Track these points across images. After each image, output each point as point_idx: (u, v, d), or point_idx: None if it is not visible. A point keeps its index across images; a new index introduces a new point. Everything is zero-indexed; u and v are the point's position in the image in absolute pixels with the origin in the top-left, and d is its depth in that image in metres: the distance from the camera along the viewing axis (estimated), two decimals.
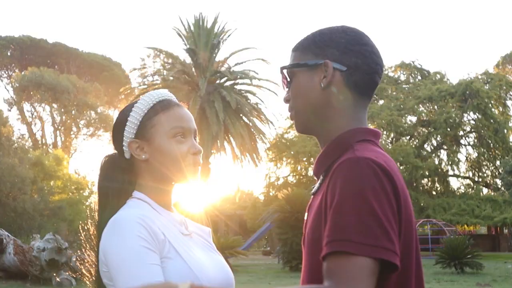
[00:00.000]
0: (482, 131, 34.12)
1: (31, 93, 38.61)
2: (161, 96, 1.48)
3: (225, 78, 30.18)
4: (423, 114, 35.71)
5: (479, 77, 36.53)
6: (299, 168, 35.90)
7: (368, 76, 1.27)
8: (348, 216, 1.05)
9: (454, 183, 60.32)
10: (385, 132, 34.89)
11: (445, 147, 35.48)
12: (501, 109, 35.98)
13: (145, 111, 1.44)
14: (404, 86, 38.81)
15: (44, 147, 38.16)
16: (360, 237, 1.03)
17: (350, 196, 1.07)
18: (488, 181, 36.35)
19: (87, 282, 1.48)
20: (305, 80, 1.29)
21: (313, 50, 1.29)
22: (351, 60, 1.26)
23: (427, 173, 34.02)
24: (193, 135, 1.47)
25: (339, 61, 1.26)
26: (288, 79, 1.34)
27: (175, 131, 1.42)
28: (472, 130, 35.52)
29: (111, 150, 1.55)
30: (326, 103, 1.27)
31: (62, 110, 39.77)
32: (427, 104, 35.61)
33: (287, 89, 1.35)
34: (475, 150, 35.95)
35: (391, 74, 39.49)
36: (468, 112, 34.21)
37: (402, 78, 40.07)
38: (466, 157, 36.53)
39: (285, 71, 1.34)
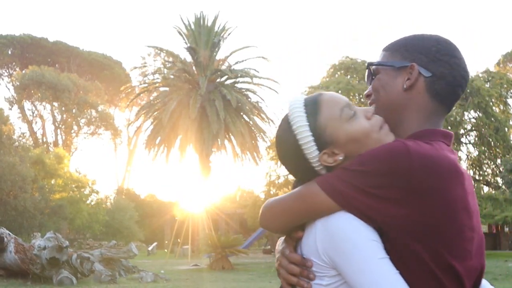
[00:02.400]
0: (483, 129, 34.06)
1: (32, 91, 38.67)
2: (299, 100, 1.30)
3: (226, 77, 30.14)
4: None
5: (480, 75, 36.44)
6: None
7: (451, 87, 1.29)
8: None
9: None
10: None
11: None
12: (502, 108, 35.92)
13: (307, 123, 1.25)
14: None
15: (45, 145, 38.16)
16: None
17: None
18: (489, 180, 36.30)
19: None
20: (388, 79, 1.31)
21: (402, 53, 1.32)
22: (437, 69, 1.29)
23: None
24: (350, 103, 1.30)
25: (426, 67, 1.29)
26: (373, 76, 1.36)
27: (344, 113, 1.25)
28: (473, 128, 35.46)
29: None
30: (405, 105, 1.29)
31: (63, 108, 39.83)
32: None
33: (370, 85, 1.37)
34: (475, 148, 35.87)
35: None
36: (468, 111, 34.13)
37: None
38: (467, 156, 36.47)
39: (372, 67, 1.36)
